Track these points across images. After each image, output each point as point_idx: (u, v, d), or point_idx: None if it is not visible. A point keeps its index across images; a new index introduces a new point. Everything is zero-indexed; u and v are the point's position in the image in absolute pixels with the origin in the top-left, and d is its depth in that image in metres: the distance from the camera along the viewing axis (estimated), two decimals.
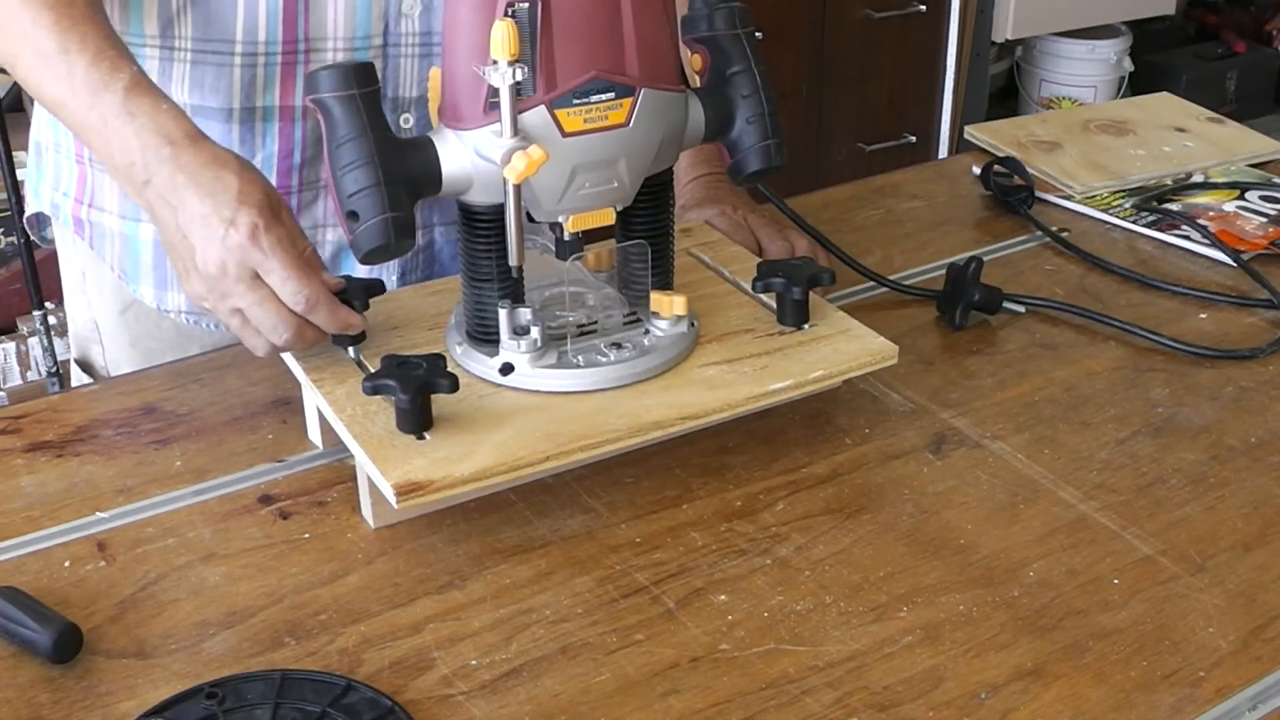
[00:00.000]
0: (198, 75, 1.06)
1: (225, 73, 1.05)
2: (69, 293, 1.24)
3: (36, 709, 0.74)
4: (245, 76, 1.05)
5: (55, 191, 1.16)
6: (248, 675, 0.75)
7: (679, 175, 1.19)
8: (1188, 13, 4.16)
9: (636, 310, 0.94)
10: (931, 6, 3.12)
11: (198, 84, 1.06)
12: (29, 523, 0.88)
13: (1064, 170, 1.36)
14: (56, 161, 1.16)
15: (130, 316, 1.17)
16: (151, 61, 1.06)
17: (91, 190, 1.14)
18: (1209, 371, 1.05)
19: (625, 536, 0.87)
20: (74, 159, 1.14)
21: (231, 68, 1.05)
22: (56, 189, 1.16)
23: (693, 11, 0.93)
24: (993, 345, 1.08)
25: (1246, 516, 0.89)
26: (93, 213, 1.14)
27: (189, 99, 1.06)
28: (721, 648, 0.78)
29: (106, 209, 1.13)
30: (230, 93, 1.06)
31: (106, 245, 1.14)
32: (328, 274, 0.90)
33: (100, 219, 1.14)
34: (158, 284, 1.14)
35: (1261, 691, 0.76)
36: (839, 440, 0.96)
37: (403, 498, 0.80)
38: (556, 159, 0.84)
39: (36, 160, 1.19)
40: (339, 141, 0.82)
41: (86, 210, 1.15)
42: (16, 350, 2.54)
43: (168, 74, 1.06)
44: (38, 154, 1.18)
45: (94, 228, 1.15)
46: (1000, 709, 0.74)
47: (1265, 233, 1.24)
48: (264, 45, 1.04)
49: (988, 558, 0.85)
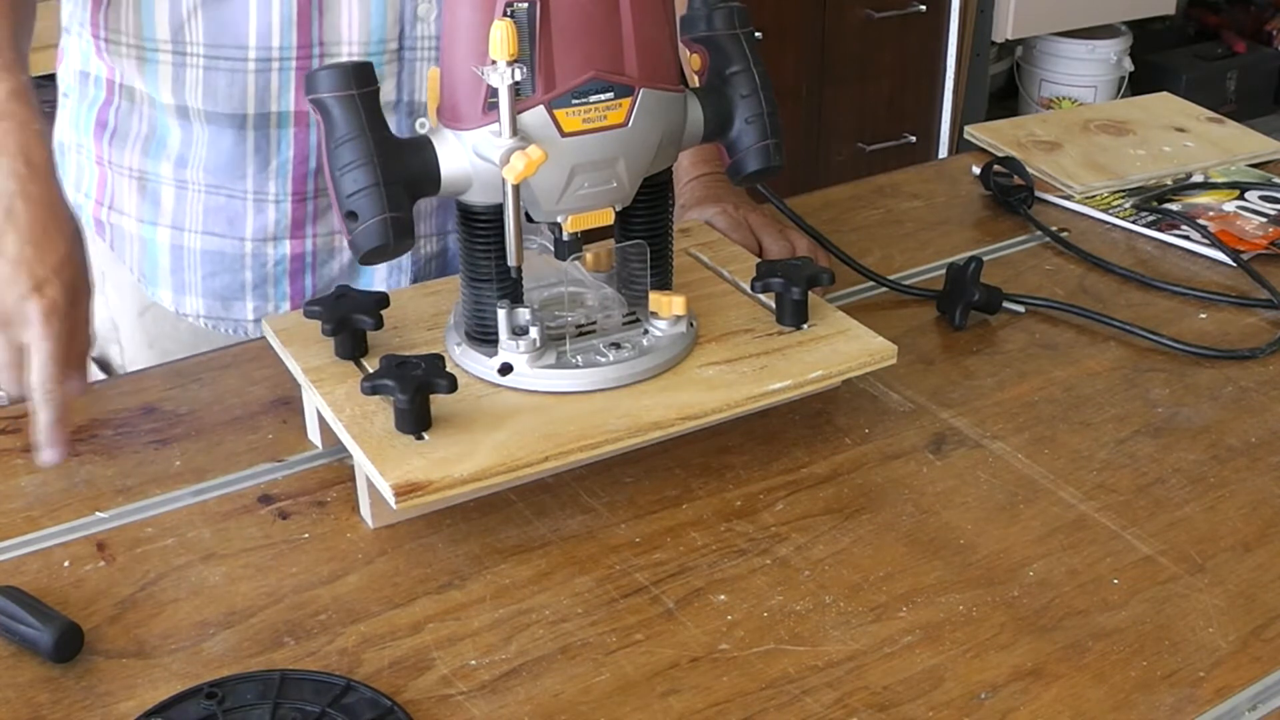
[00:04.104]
0: (210, 81, 1.05)
1: (238, 79, 1.05)
2: None
3: (36, 709, 0.74)
4: (259, 82, 1.05)
5: (77, 192, 1.16)
6: (247, 675, 0.75)
7: (680, 174, 1.19)
8: (1188, 13, 4.16)
9: (635, 310, 0.94)
10: (931, 6, 3.12)
11: (210, 90, 1.06)
12: (29, 522, 0.88)
13: (1064, 170, 1.36)
14: (79, 162, 1.16)
15: (149, 318, 1.17)
16: (165, 67, 1.06)
17: (111, 193, 1.14)
18: (1209, 371, 1.05)
19: (625, 536, 0.87)
20: (94, 160, 1.14)
21: (245, 73, 1.05)
22: (78, 189, 1.16)
23: (692, 11, 0.93)
24: (993, 345, 1.08)
25: (1246, 516, 0.89)
26: (112, 215, 1.15)
27: (202, 105, 1.06)
28: (721, 648, 0.78)
29: (125, 212, 1.14)
30: (244, 99, 1.05)
31: (125, 247, 1.15)
32: (80, 380, 0.91)
33: (119, 221, 1.14)
34: (176, 288, 1.14)
35: (1261, 691, 0.76)
36: (839, 440, 0.96)
37: (401, 498, 0.80)
38: (555, 159, 0.84)
39: (61, 159, 1.19)
40: (338, 141, 0.82)
41: (106, 212, 1.15)
42: None
43: (181, 80, 1.06)
44: (60, 154, 1.18)
45: (113, 230, 1.15)
46: (1000, 709, 0.74)
47: (1265, 233, 1.24)
48: (277, 50, 1.04)
49: (988, 558, 0.85)
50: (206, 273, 1.13)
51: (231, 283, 1.13)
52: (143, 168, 1.12)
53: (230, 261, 1.13)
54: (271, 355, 0.97)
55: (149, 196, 1.12)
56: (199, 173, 1.10)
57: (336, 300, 0.92)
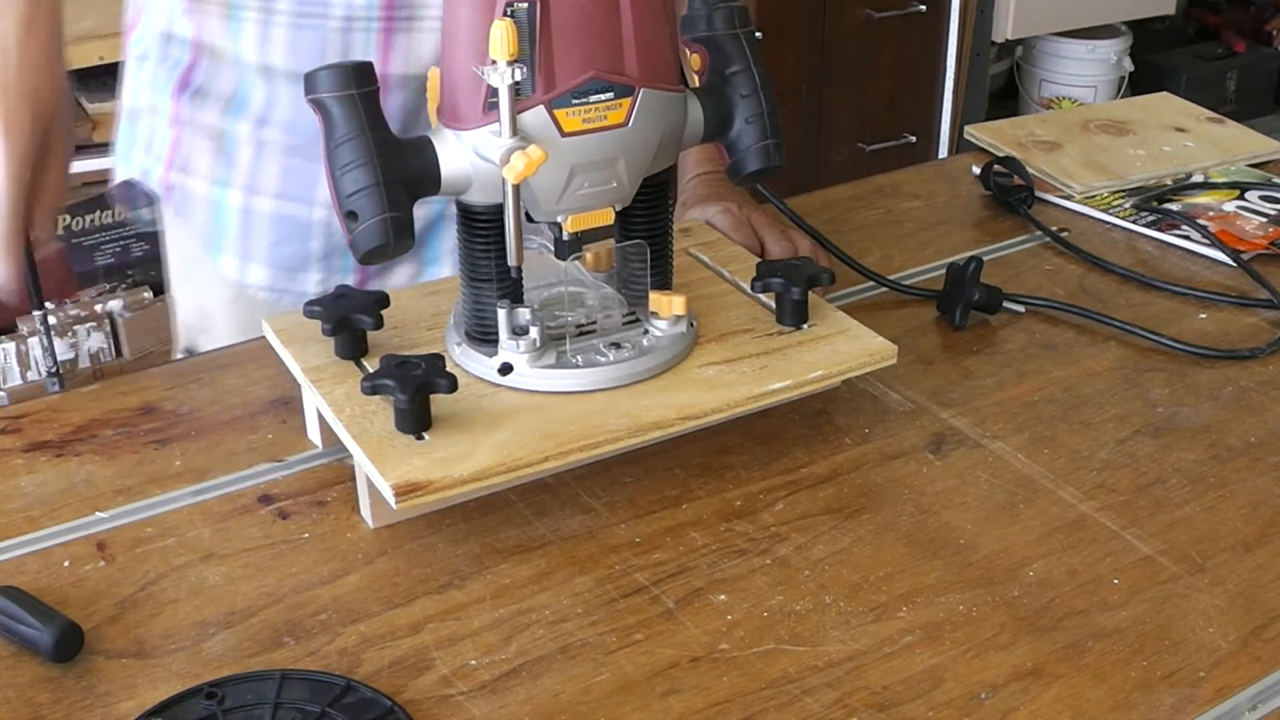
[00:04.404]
0: (295, 40, 1.06)
1: (322, 37, 1.05)
2: (176, 280, 1.25)
3: (36, 709, 0.74)
4: (343, 42, 1.06)
5: (147, 156, 1.17)
6: (247, 675, 0.75)
7: (683, 172, 1.19)
8: (1188, 13, 4.16)
9: (635, 310, 0.94)
10: (931, 6, 3.12)
11: (294, 49, 1.07)
12: (28, 522, 0.88)
13: (1064, 170, 1.36)
14: (151, 126, 1.17)
15: (242, 304, 1.17)
16: (250, 25, 1.07)
17: (185, 154, 1.14)
18: (1209, 371, 1.05)
19: (625, 536, 0.87)
20: (170, 121, 1.15)
21: (330, 32, 1.05)
22: (148, 153, 1.17)
23: (692, 11, 0.93)
24: (993, 345, 1.08)
25: (1246, 516, 0.89)
26: (182, 177, 1.15)
27: (287, 64, 1.07)
28: (721, 648, 0.78)
29: (197, 173, 1.14)
30: (326, 59, 1.06)
31: (193, 211, 1.15)
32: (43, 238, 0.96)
33: (189, 183, 1.15)
34: (241, 255, 1.14)
35: (1261, 691, 0.76)
36: (839, 440, 0.96)
37: (401, 498, 0.80)
38: (555, 159, 0.84)
39: (130, 125, 1.20)
40: (338, 141, 0.82)
41: (176, 175, 1.16)
42: (16, 350, 2.54)
43: (267, 39, 1.07)
44: (131, 119, 1.19)
45: (181, 193, 1.16)
46: (1000, 709, 0.74)
47: (1265, 233, 1.24)
48: (363, 9, 1.04)
49: (988, 558, 0.85)
50: (274, 239, 1.13)
51: (299, 251, 1.13)
52: (221, 126, 1.13)
53: (299, 229, 1.13)
54: (271, 355, 0.97)
55: (224, 156, 1.13)
56: (278, 132, 1.10)
57: (336, 300, 0.92)
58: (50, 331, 1.97)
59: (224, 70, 1.12)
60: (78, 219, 2.66)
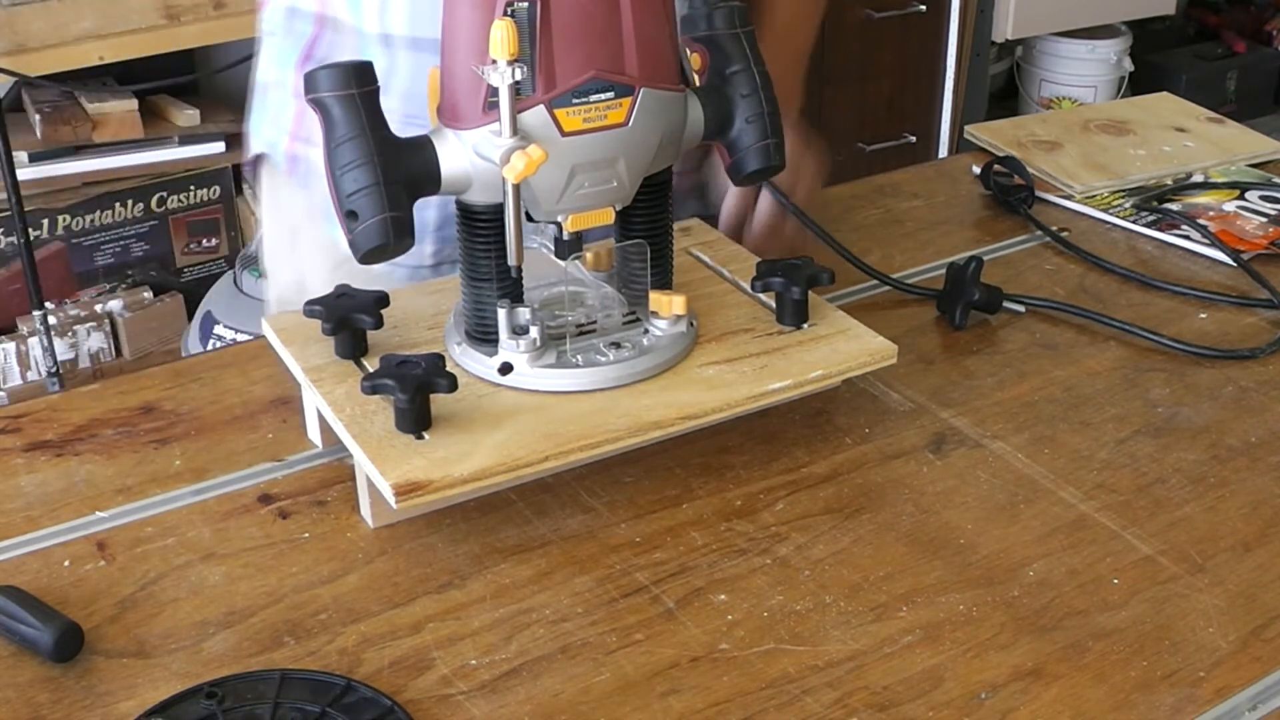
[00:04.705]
0: (415, 7, 1.07)
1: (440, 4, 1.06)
2: (271, 252, 1.27)
3: (36, 709, 0.74)
4: None
5: (274, 129, 1.19)
6: (247, 675, 0.75)
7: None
8: (1188, 13, 4.16)
9: (635, 310, 0.94)
10: (931, 6, 3.12)
11: (415, 16, 1.07)
12: (28, 522, 0.88)
13: (1064, 170, 1.36)
14: (279, 99, 1.19)
15: (342, 274, 1.17)
16: None
17: (309, 126, 1.15)
18: (1209, 371, 1.05)
19: (625, 536, 0.87)
20: (291, 93, 1.17)
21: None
22: (276, 126, 1.19)
23: (692, 11, 0.93)
24: (993, 345, 1.08)
25: (1246, 516, 0.89)
26: (305, 147, 1.17)
27: (407, 31, 1.08)
28: (721, 647, 0.78)
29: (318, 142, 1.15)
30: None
31: (315, 181, 1.16)
32: None
33: (310, 153, 1.16)
34: None
35: (1261, 691, 0.76)
36: (839, 440, 0.96)
37: (401, 498, 0.80)
38: (556, 159, 0.84)
39: (261, 99, 1.22)
40: (338, 141, 0.82)
41: (300, 145, 1.17)
42: (16, 350, 2.55)
43: (387, 7, 1.08)
44: (262, 93, 1.21)
45: (305, 163, 1.17)
46: (1000, 709, 0.74)
47: (1265, 233, 1.24)
48: None
49: (988, 558, 0.85)
50: None
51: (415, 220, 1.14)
52: None
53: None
54: (271, 355, 0.97)
55: None
56: (397, 100, 1.11)
57: (336, 299, 0.93)
58: (50, 331, 1.97)
59: (345, 42, 1.13)
60: (78, 219, 2.66)
